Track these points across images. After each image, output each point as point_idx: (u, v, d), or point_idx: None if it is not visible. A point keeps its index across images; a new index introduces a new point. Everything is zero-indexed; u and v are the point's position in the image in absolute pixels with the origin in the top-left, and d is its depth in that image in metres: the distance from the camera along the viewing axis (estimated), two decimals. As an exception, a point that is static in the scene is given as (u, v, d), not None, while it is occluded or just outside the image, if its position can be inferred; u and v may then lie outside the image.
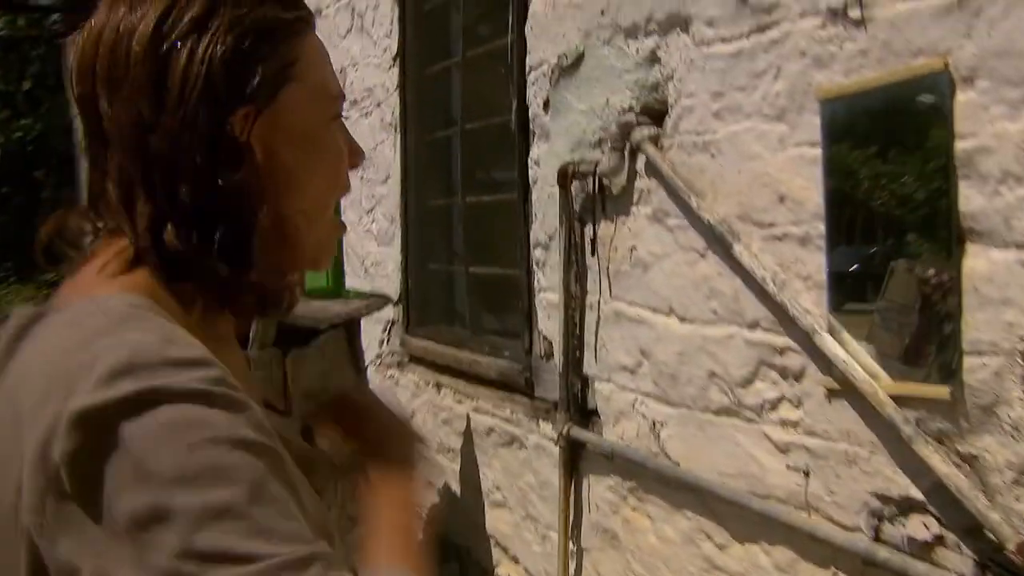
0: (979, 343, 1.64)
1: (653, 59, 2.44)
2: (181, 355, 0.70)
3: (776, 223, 2.06)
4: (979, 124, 1.62)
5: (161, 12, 0.80)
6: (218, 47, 0.80)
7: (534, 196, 3.03)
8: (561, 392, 2.82)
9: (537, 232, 3.01)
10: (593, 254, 2.67)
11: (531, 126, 3.02)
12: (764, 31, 2.07)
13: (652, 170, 2.44)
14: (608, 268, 2.65)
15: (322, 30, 3.92)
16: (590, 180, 2.65)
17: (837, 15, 1.89)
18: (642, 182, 2.50)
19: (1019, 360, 1.59)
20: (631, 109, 2.51)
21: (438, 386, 3.83)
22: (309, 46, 0.85)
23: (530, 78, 3.00)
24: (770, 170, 2.07)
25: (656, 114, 2.46)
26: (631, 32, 2.50)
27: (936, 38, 1.69)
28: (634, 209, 2.54)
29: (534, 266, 3.05)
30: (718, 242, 2.21)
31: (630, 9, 2.50)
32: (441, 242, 4.05)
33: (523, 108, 3.07)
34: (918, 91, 1.73)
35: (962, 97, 1.65)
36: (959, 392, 1.67)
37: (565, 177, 2.72)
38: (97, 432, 0.65)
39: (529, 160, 3.05)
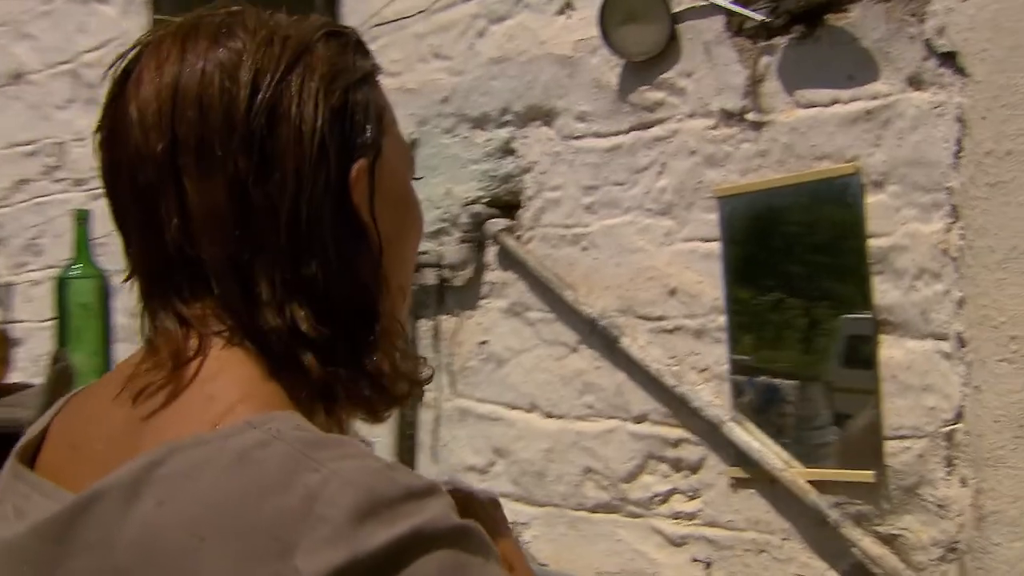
0: (901, 428, 1.75)
1: (507, 150, 2.41)
2: (415, 484, 0.58)
3: (667, 316, 2.08)
4: (892, 225, 1.76)
5: (254, 62, 0.69)
6: (323, 97, 0.70)
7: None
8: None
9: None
10: (436, 350, 2.56)
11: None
12: (647, 128, 2.12)
13: (510, 262, 2.40)
14: (451, 364, 2.55)
15: (27, 98, 3.51)
16: (431, 272, 2.55)
17: (732, 117, 1.98)
18: (494, 274, 2.44)
19: (942, 442, 1.71)
20: (478, 200, 2.46)
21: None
22: (386, 95, 0.78)
23: (346, 164, 2.85)
24: (656, 264, 2.10)
25: (506, 205, 2.43)
26: (480, 122, 2.47)
27: (843, 144, 1.82)
28: (484, 303, 2.47)
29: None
30: (597, 335, 2.19)
31: (480, 99, 2.46)
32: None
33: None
34: (829, 192, 1.84)
35: (872, 199, 1.79)
36: (882, 475, 1.76)
37: (401, 268, 2.59)
38: None
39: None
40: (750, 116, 1.95)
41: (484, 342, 2.46)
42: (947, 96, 1.69)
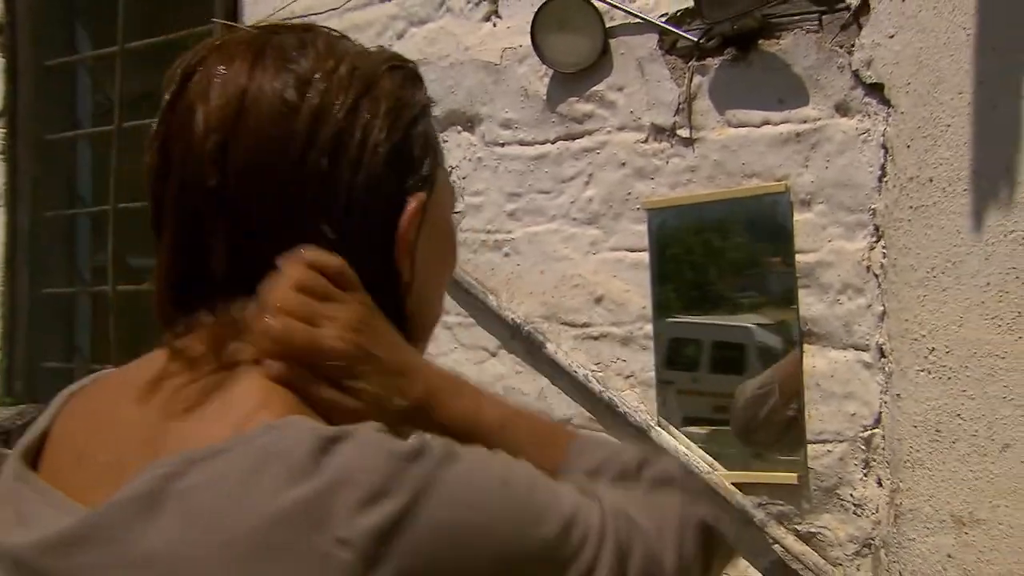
0: (824, 432, 1.87)
1: (424, 154, 2.41)
2: (420, 441, 0.63)
3: (592, 323, 2.14)
4: (818, 241, 1.88)
5: (322, 91, 0.71)
6: (387, 131, 0.73)
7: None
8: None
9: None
10: (347, 351, 2.52)
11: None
12: (575, 139, 2.17)
13: (424, 266, 2.39)
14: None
15: None
16: (340, 273, 2.51)
17: (663, 132, 2.05)
18: (409, 277, 2.43)
19: (861, 446, 1.83)
20: (393, 202, 2.45)
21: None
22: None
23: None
24: (582, 272, 2.15)
25: (421, 209, 2.42)
26: (396, 124, 2.45)
27: (773, 164, 1.92)
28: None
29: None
30: (519, 340, 2.22)
31: (398, 101, 2.45)
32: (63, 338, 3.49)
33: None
34: (758, 208, 1.94)
35: (800, 217, 1.90)
36: (804, 477, 1.88)
37: (308, 269, 2.54)
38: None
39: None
40: (681, 132, 2.03)
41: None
42: (872, 124, 1.81)
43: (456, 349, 2.34)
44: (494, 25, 2.31)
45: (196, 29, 2.94)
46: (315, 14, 2.60)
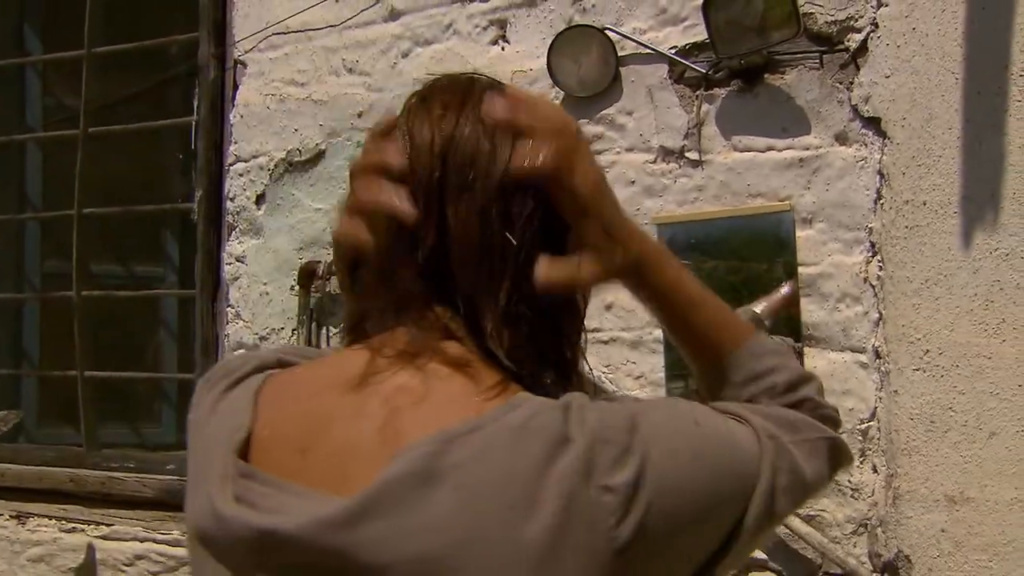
0: (824, 426, 2.09)
1: (428, 168, 2.53)
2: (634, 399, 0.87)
3: (603, 328, 2.31)
4: (819, 256, 2.10)
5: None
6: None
7: (234, 294, 2.81)
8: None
9: (240, 333, 2.79)
10: (350, 356, 2.60)
11: (229, 219, 2.82)
12: (585, 159, 2.33)
13: (430, 274, 2.51)
14: (361, 371, 2.60)
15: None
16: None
17: (671, 153, 2.25)
18: (413, 285, 2.54)
19: (858, 437, 2.07)
20: (396, 213, 2.55)
21: (19, 517, 3.19)
22: None
23: (235, 168, 2.81)
24: (592, 281, 2.32)
25: (423, 220, 2.54)
26: (400, 139, 2.56)
27: (777, 186, 2.15)
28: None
29: (226, 370, 2.81)
30: (530, 345, 2.37)
31: (403, 117, 2.55)
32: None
33: (215, 199, 2.85)
34: (764, 226, 2.16)
35: (802, 234, 2.12)
36: (807, 466, 2.09)
37: (310, 277, 2.62)
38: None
39: (224, 255, 2.83)
40: (689, 154, 2.22)
41: (400, 350, 2.55)
42: (869, 153, 2.05)
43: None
44: (502, 49, 2.45)
45: (177, 37, 2.97)
46: (312, 30, 2.68)
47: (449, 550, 0.69)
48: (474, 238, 0.80)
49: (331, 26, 2.66)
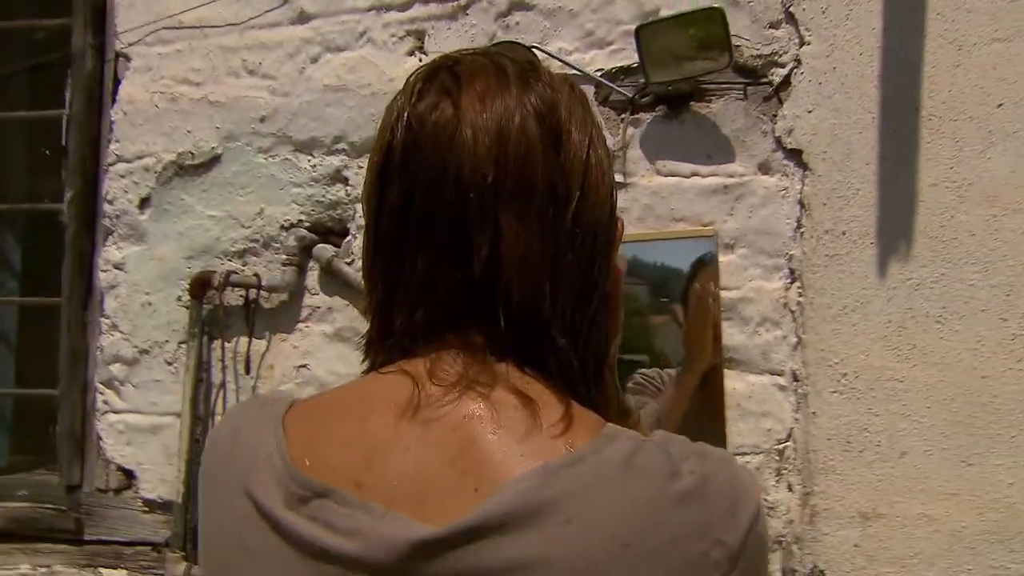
0: (743, 445, 2.16)
1: (337, 178, 2.44)
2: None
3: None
4: (740, 280, 2.17)
5: (567, 115, 0.80)
6: (608, 151, 0.83)
7: (111, 304, 2.60)
8: (175, 528, 2.46)
9: (117, 345, 2.58)
10: (247, 372, 2.46)
11: (107, 223, 2.61)
12: (507, 176, 2.32)
13: (336, 287, 2.42)
14: (257, 387, 2.47)
15: None
16: (238, 292, 2.46)
17: (596, 176, 2.26)
18: (317, 299, 2.44)
19: (775, 457, 2.14)
20: (300, 224, 2.45)
21: None
22: None
23: (116, 168, 2.60)
24: (512, 300, 2.30)
25: (328, 231, 2.45)
26: (307, 147, 2.46)
27: (701, 211, 2.20)
28: (302, 326, 2.45)
29: (98, 384, 2.60)
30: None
31: (311, 124, 2.45)
32: None
33: (90, 200, 2.63)
34: (689, 249, 2.20)
35: (724, 258, 2.18)
36: (726, 485, 2.15)
37: (203, 287, 2.46)
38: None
39: (100, 260, 2.62)
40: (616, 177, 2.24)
41: (303, 366, 2.44)
42: (791, 183, 2.14)
43: (372, 371, 2.38)
44: (420, 60, 2.40)
45: (47, 22, 2.74)
46: (209, 27, 2.54)
47: None
48: (535, 250, 0.75)
49: (231, 24, 2.53)
